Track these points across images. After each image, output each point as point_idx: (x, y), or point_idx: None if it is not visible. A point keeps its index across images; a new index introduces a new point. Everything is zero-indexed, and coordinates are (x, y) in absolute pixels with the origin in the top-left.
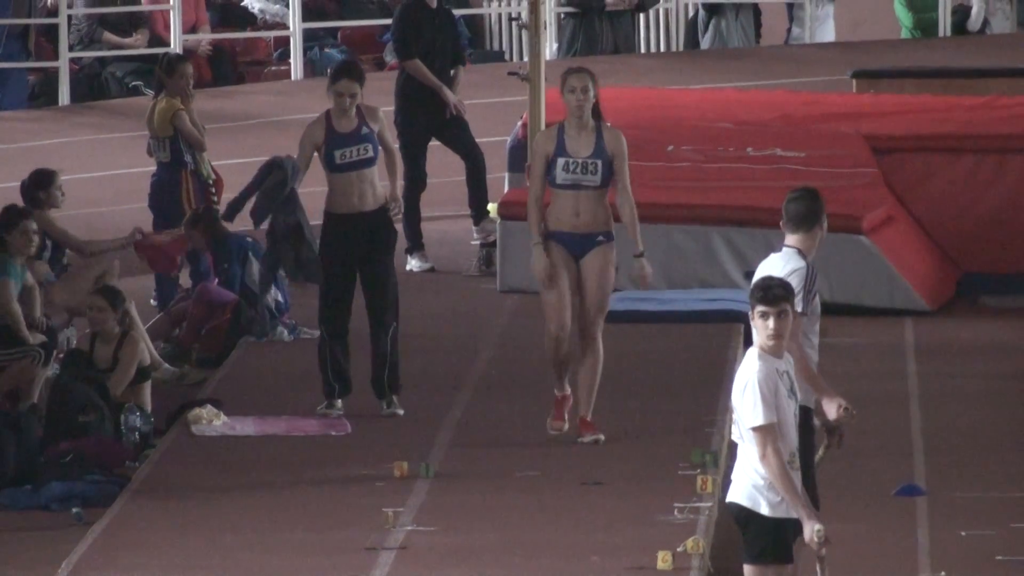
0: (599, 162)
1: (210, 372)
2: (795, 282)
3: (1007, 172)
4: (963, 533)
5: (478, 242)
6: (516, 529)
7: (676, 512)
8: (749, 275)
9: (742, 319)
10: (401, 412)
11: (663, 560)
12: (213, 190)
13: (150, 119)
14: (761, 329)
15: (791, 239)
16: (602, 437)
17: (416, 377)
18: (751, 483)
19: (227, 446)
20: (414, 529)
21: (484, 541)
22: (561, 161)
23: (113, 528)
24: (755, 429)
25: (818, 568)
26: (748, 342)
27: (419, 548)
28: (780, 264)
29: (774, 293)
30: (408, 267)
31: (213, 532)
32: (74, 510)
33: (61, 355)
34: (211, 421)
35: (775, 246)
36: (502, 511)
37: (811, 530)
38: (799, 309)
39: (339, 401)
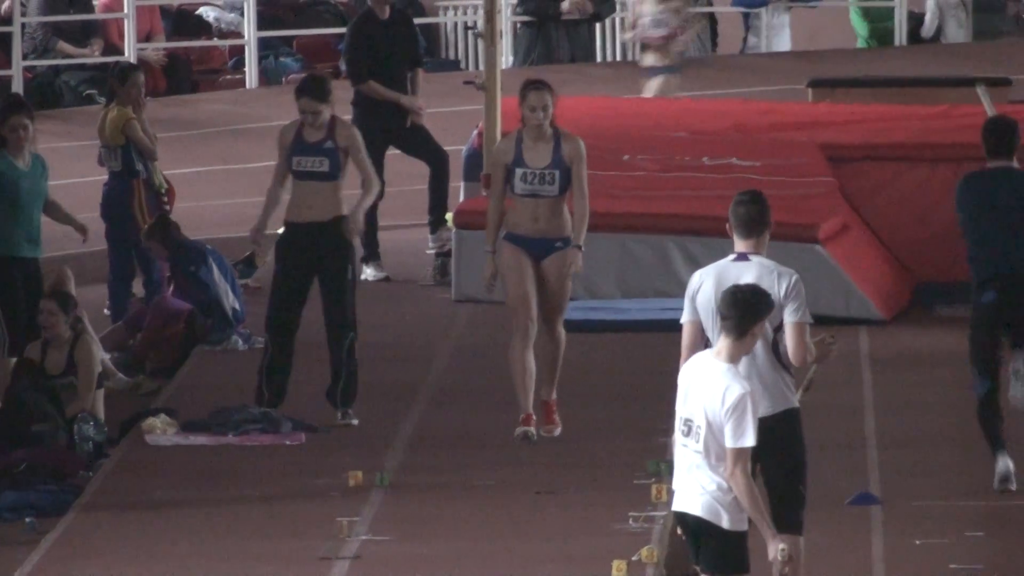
0: (556, 172)
1: (164, 382)
2: (801, 294)
3: None
4: (918, 542)
5: (433, 251)
6: (471, 539)
7: (631, 521)
8: None
9: None
10: (356, 422)
11: (618, 569)
12: (165, 199)
13: (101, 128)
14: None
15: (746, 244)
16: (557, 431)
17: (371, 387)
18: (711, 495)
19: (181, 455)
20: (369, 539)
21: (439, 551)
22: (519, 172)
23: (66, 538)
24: (737, 448)
25: None
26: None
27: (374, 558)
28: (768, 277)
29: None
30: (363, 276)
31: (167, 541)
32: (27, 520)
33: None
34: (165, 430)
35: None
36: (457, 521)
37: (775, 549)
38: (809, 320)
39: (346, 411)
